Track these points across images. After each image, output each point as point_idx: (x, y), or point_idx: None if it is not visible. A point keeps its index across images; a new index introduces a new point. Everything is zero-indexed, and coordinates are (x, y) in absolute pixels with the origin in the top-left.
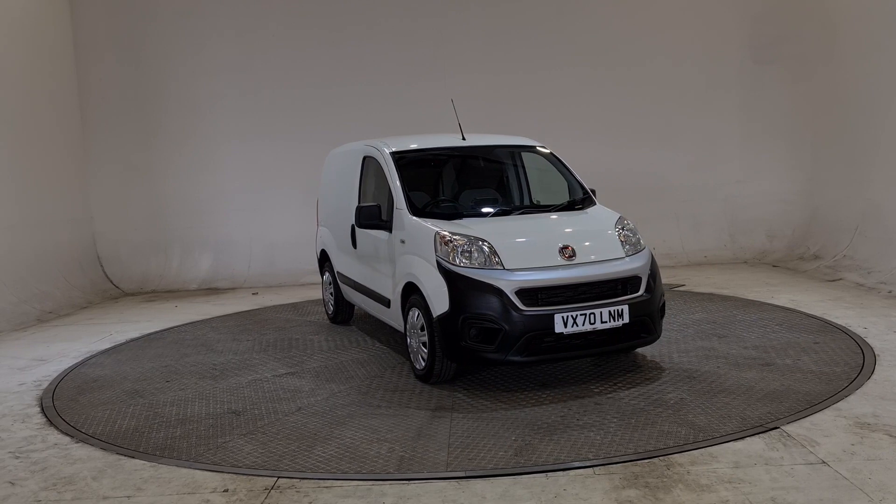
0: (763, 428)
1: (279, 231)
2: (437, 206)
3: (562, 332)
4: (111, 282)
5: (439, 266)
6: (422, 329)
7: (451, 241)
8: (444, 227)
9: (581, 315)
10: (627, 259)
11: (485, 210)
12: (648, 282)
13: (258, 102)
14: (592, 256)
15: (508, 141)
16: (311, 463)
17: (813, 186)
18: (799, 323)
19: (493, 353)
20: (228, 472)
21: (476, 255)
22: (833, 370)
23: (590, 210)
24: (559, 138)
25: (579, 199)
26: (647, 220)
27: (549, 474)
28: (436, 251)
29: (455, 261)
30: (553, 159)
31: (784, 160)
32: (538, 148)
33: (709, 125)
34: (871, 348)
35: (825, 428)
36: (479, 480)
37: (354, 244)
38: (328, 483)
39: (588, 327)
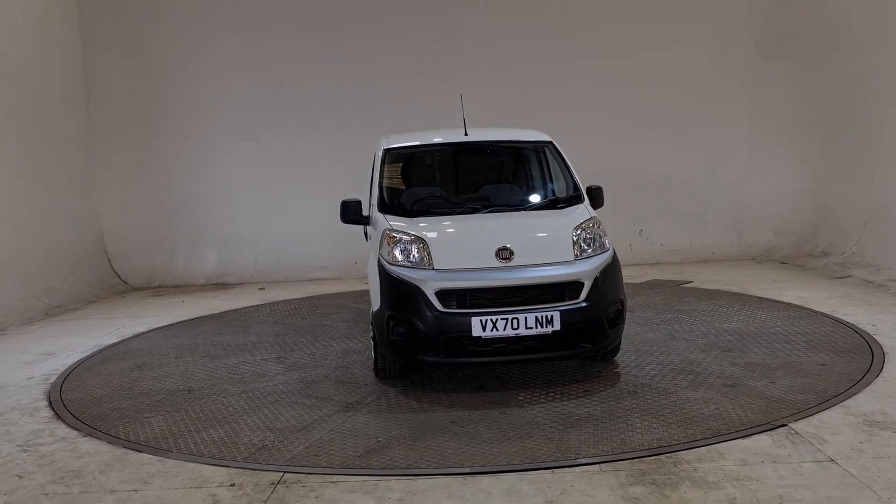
0: (771, 425)
1: (285, 227)
2: (413, 204)
3: (480, 336)
4: (118, 277)
5: (378, 263)
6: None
7: (395, 239)
8: (395, 225)
9: (502, 319)
10: (574, 263)
11: (453, 208)
12: (592, 288)
13: (263, 100)
14: (532, 259)
15: (511, 136)
16: (186, 444)
17: (821, 183)
18: (835, 342)
19: (413, 352)
20: (235, 467)
21: (415, 253)
22: (796, 398)
23: (569, 209)
24: (569, 135)
25: (564, 198)
26: (653, 216)
27: (556, 470)
28: (380, 248)
29: (391, 259)
30: (554, 155)
31: (792, 156)
32: (540, 143)
33: (716, 121)
34: (881, 346)
35: (833, 425)
36: (485, 476)
37: (367, 237)
38: (334, 478)
39: (511, 332)
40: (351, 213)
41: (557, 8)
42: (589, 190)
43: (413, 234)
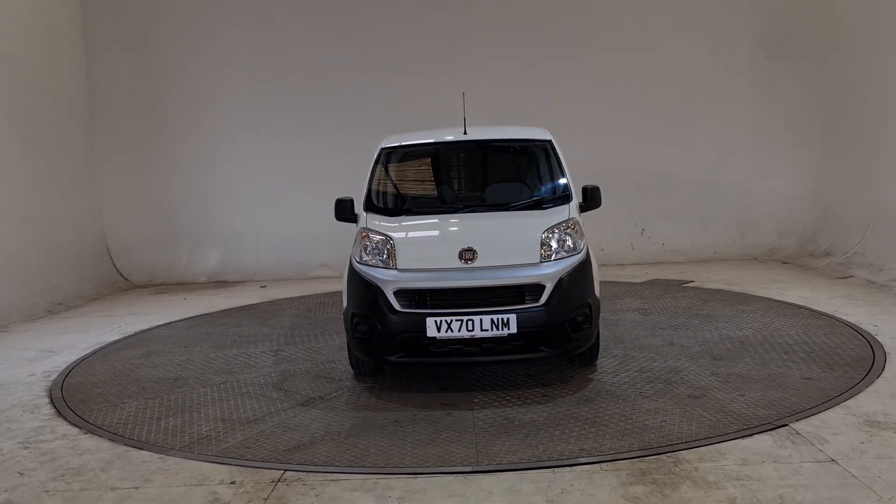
0: (772, 425)
1: (286, 226)
2: (397, 203)
3: (435, 337)
4: (121, 274)
5: (350, 261)
6: None
7: (366, 238)
8: (371, 224)
9: (457, 321)
10: (538, 265)
11: (435, 208)
12: (553, 291)
13: (263, 99)
14: (496, 261)
15: (510, 134)
16: (139, 431)
17: (823, 183)
18: (839, 355)
19: (373, 351)
20: (236, 465)
21: (383, 252)
22: (755, 413)
23: (553, 209)
24: (570, 134)
25: (551, 198)
26: (655, 216)
27: (556, 469)
28: (353, 246)
29: (359, 257)
30: (551, 153)
31: (794, 156)
32: (538, 141)
33: (719, 121)
34: (882, 346)
35: (834, 426)
36: (485, 475)
37: None
38: (335, 476)
39: (466, 334)
40: (344, 211)
41: (559, 8)
42: (585, 190)
43: (383, 234)
